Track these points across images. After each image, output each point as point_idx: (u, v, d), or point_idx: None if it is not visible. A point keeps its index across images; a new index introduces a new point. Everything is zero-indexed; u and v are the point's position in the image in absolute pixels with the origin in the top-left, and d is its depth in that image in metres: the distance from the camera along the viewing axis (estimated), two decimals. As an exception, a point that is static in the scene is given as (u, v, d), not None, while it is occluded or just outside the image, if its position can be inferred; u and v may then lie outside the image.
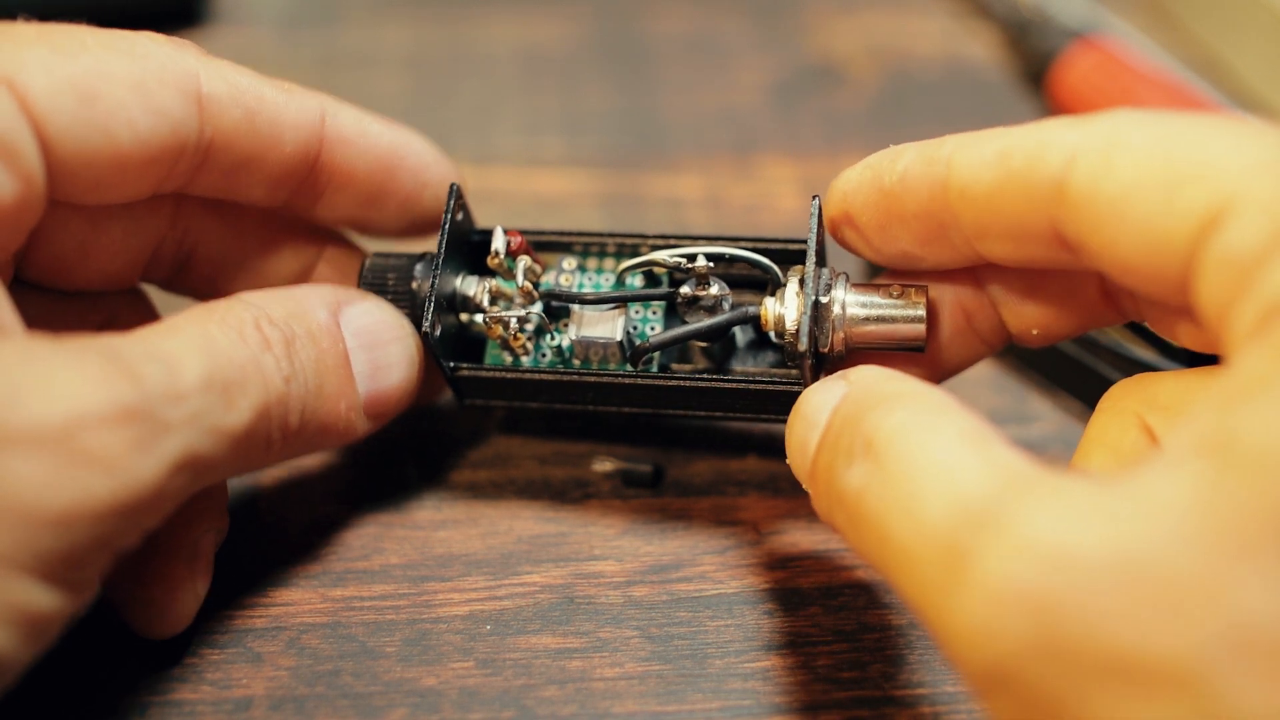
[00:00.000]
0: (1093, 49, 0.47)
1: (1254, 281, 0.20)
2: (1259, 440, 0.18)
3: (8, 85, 0.24)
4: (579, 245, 0.33)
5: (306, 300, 0.29)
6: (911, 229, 0.27)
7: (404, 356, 0.31)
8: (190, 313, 0.27)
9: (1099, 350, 0.35)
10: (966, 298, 0.29)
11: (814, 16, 0.54)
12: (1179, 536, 0.18)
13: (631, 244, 0.32)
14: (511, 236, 0.31)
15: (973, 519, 0.20)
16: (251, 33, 0.52)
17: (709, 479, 0.34)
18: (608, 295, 0.31)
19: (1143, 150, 0.22)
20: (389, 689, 0.29)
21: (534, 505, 0.34)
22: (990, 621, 0.19)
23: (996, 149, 0.25)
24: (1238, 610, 0.17)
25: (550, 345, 0.32)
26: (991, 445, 0.21)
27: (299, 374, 0.28)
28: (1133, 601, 0.18)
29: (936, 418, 0.23)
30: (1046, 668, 0.19)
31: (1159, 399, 0.25)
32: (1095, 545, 0.18)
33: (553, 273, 0.32)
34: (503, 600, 0.31)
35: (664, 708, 0.28)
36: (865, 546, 0.23)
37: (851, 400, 0.25)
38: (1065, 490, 0.19)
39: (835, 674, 0.29)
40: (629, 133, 0.48)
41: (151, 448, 0.23)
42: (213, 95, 0.28)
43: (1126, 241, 0.22)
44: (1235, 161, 0.21)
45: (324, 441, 0.29)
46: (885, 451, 0.22)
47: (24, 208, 0.25)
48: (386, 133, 0.32)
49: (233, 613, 0.30)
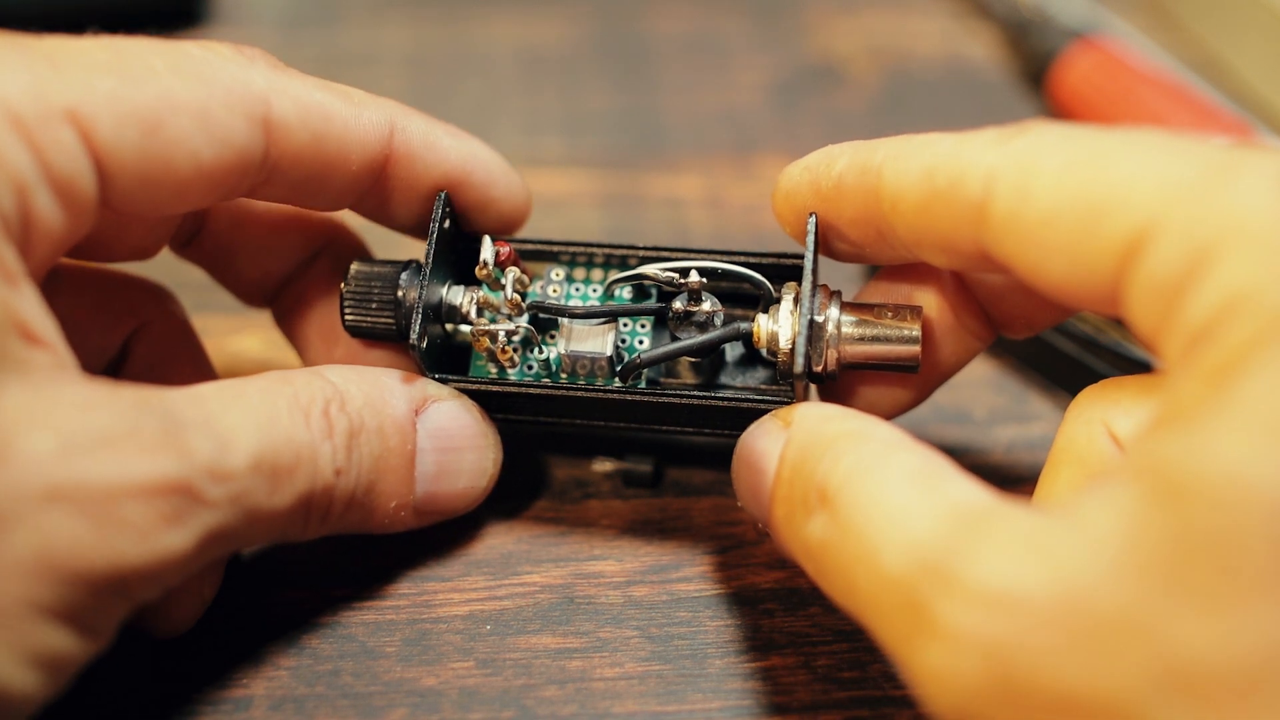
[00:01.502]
0: (1093, 49, 0.47)
1: (1178, 307, 0.20)
2: (1179, 470, 0.18)
3: (73, 121, 0.24)
4: (567, 255, 0.32)
5: (390, 390, 0.29)
6: (851, 232, 0.27)
7: (477, 466, 0.30)
8: (265, 380, 0.26)
9: (1099, 350, 0.35)
10: (953, 294, 0.29)
11: (814, 16, 0.54)
12: (1112, 571, 0.18)
13: (621, 254, 0.31)
14: (500, 247, 0.30)
15: (927, 568, 0.20)
16: (251, 33, 0.52)
17: (709, 479, 0.34)
18: (597, 309, 0.30)
19: (1059, 176, 0.22)
20: (389, 689, 0.29)
21: (534, 505, 0.34)
22: (950, 669, 0.19)
23: (922, 166, 0.25)
24: (1166, 645, 0.17)
25: (538, 359, 0.31)
26: (941, 482, 0.22)
27: (353, 468, 0.27)
28: (1072, 639, 0.18)
29: (886, 459, 0.23)
30: (1004, 710, 0.19)
31: (1122, 404, 0.25)
32: (1037, 585, 0.19)
33: (540, 283, 0.32)
34: (503, 600, 0.31)
35: (664, 708, 0.28)
36: (834, 593, 0.23)
37: (797, 446, 0.25)
38: (1010, 527, 0.20)
39: (835, 674, 0.29)
40: (629, 133, 0.48)
41: (186, 521, 0.23)
42: (281, 118, 0.27)
43: (1052, 266, 0.22)
44: (1152, 184, 0.20)
45: (364, 529, 0.29)
46: (839, 501, 0.23)
47: (72, 235, 0.25)
48: (455, 146, 0.31)
49: (233, 612, 0.30)
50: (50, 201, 0.24)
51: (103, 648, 0.24)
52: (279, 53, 0.29)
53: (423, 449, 0.29)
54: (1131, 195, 0.21)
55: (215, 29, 0.52)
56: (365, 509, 0.28)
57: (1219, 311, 0.19)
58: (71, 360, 0.24)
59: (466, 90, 0.50)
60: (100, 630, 0.23)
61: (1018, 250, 0.23)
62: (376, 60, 0.51)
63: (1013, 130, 0.23)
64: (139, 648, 0.29)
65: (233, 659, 0.29)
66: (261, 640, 0.30)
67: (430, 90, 0.50)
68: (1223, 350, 0.18)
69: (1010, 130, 0.23)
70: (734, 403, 0.29)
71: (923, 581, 0.20)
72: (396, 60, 0.51)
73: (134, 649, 0.29)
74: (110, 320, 0.31)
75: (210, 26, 0.52)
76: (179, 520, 0.23)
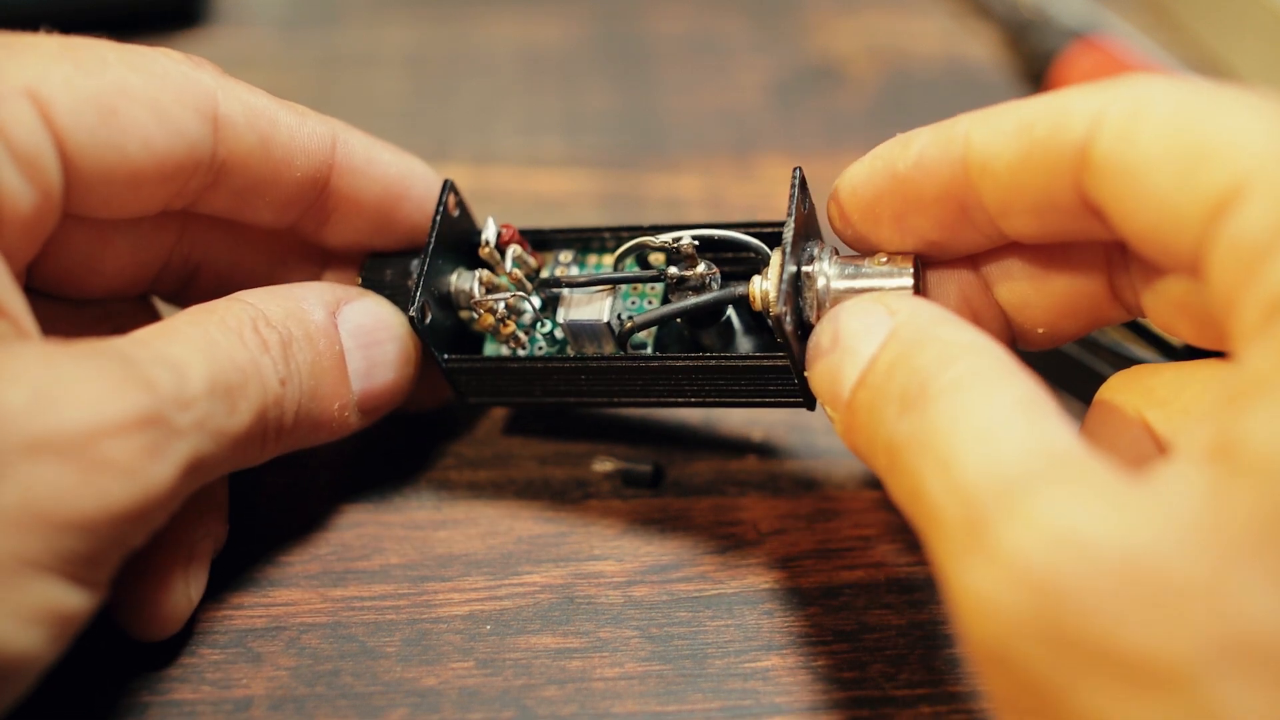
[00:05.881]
0: (1093, 49, 0.47)
1: (1261, 271, 0.19)
2: (1262, 445, 0.18)
3: (32, 98, 0.25)
4: (577, 241, 0.33)
5: (304, 300, 0.29)
6: (931, 214, 0.26)
7: (399, 354, 0.31)
8: (189, 314, 0.27)
9: (1099, 350, 0.35)
10: (973, 299, 0.29)
11: (814, 16, 0.54)
12: (1186, 539, 0.18)
13: (626, 235, 0.32)
14: (504, 228, 0.31)
15: (1003, 489, 0.20)
16: (251, 33, 0.52)
17: (709, 479, 0.34)
18: (595, 278, 0.31)
19: (1165, 121, 0.21)
20: (389, 689, 0.29)
21: (534, 505, 0.34)
22: (998, 596, 0.19)
23: (1016, 120, 0.24)
24: (1236, 616, 0.17)
25: (544, 334, 0.32)
26: (1043, 417, 0.21)
27: (294, 375, 0.28)
28: (1135, 598, 0.18)
29: (994, 378, 0.22)
30: (1043, 652, 0.19)
31: (1157, 393, 0.25)
32: (1107, 537, 0.18)
33: (550, 269, 0.33)
34: (503, 600, 0.31)
35: (664, 708, 0.28)
36: (899, 493, 0.23)
37: (903, 340, 0.24)
38: (1094, 478, 0.19)
39: (835, 674, 0.29)
40: (629, 133, 0.48)
41: (165, 453, 0.23)
42: (228, 117, 0.28)
43: (1145, 214, 0.22)
44: (1253, 142, 0.20)
45: (317, 437, 0.30)
46: (938, 405, 0.22)
47: (41, 219, 0.26)
48: (395, 162, 0.32)
49: (232, 613, 0.30)
50: (15, 176, 0.24)
51: (102, 601, 0.24)
52: (279, 53, 0.29)
53: (349, 348, 0.30)
54: (1230, 150, 0.20)
55: (215, 29, 0.52)
56: (312, 417, 0.29)
57: None
58: (35, 330, 0.25)
59: (466, 90, 0.50)
60: (96, 581, 0.23)
61: (1114, 194, 0.22)
62: (376, 60, 0.51)
63: (1117, 80, 0.23)
64: (139, 647, 0.29)
65: (232, 659, 0.29)
66: (261, 640, 0.30)
67: (430, 90, 0.50)
68: None
69: (1114, 80, 0.23)
70: (731, 361, 0.29)
71: (993, 500, 0.20)
72: (396, 60, 0.51)
73: (135, 649, 0.29)
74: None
75: (210, 26, 0.52)
76: (158, 452, 0.23)
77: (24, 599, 0.22)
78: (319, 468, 0.34)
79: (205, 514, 0.30)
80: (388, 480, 0.34)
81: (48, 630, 0.22)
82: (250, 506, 0.33)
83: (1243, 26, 0.48)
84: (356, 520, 0.33)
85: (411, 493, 0.34)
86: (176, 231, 0.31)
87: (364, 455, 0.35)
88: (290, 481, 0.34)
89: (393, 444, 0.35)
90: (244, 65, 0.29)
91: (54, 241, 0.28)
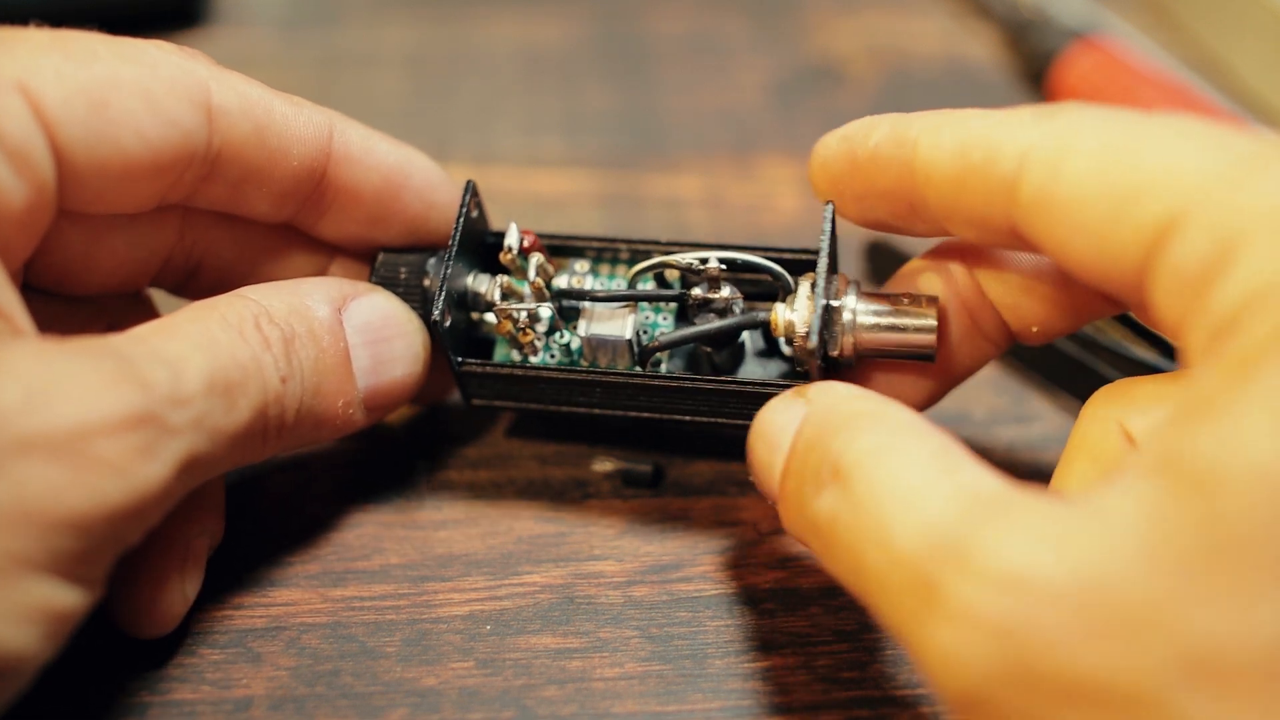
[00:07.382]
0: (1093, 49, 0.47)
1: (1203, 298, 0.20)
2: (1205, 461, 0.18)
3: (22, 91, 0.25)
4: (592, 250, 0.32)
5: (309, 295, 0.29)
6: (885, 203, 0.27)
7: (408, 352, 0.31)
8: (191, 310, 0.27)
9: (1099, 350, 0.35)
10: (970, 299, 0.29)
11: (814, 16, 0.54)
12: (1133, 559, 0.18)
13: (645, 249, 0.32)
14: (526, 235, 0.31)
15: (940, 548, 0.20)
16: (251, 33, 0.52)
17: (709, 479, 0.34)
18: (619, 294, 0.31)
19: (1092, 156, 0.22)
20: (389, 689, 0.29)
21: (534, 505, 0.34)
22: (960, 650, 0.19)
23: (957, 140, 0.25)
24: (1191, 635, 0.17)
25: (560, 344, 0.32)
26: (958, 466, 0.22)
27: (296, 373, 0.28)
28: (1089, 626, 0.18)
29: (904, 440, 0.23)
30: (1014, 694, 0.19)
31: (1138, 403, 0.25)
32: (1054, 570, 0.18)
33: (565, 276, 0.32)
34: (503, 600, 0.31)
35: (664, 708, 0.28)
36: (840, 571, 0.23)
37: (814, 422, 0.25)
38: (1028, 513, 0.20)
39: (835, 674, 0.29)
40: (629, 133, 0.48)
41: (159, 452, 0.23)
42: (223, 106, 0.28)
43: (1080, 248, 0.22)
44: (1183, 172, 0.20)
45: (320, 435, 0.29)
46: (854, 477, 0.22)
47: (36, 214, 0.25)
48: (393, 152, 0.31)
49: (232, 613, 0.30)
50: (6, 170, 0.24)
51: (98, 599, 0.24)
52: (279, 53, 0.29)
53: (354, 344, 0.29)
54: (1162, 182, 0.21)
55: (215, 29, 0.52)
56: (315, 415, 0.28)
57: (1245, 303, 0.19)
58: (31, 327, 0.24)
59: (466, 90, 0.50)
60: (91, 579, 0.23)
61: (1047, 229, 0.23)
62: (376, 60, 0.51)
63: (1049, 109, 0.23)
64: (139, 647, 0.29)
65: (232, 659, 0.29)
66: (261, 640, 0.30)
67: (430, 90, 0.50)
68: (1248, 342, 0.18)
69: (1047, 109, 0.23)
70: (749, 388, 0.29)
71: (935, 561, 0.20)
72: (396, 60, 0.51)
73: (134, 649, 0.29)
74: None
75: (210, 26, 0.52)
76: (152, 452, 0.23)
77: (18, 598, 0.22)
78: (319, 468, 0.34)
79: (201, 511, 0.30)
80: (388, 480, 0.34)
81: (42, 629, 0.22)
82: (250, 506, 0.33)
83: (1243, 26, 0.48)
84: (356, 520, 0.33)
85: (411, 493, 0.34)
86: (176, 228, 0.31)
87: (364, 455, 0.35)
88: (290, 481, 0.34)
89: (393, 444, 0.35)
90: (244, 65, 0.29)
91: (50, 238, 0.28)
